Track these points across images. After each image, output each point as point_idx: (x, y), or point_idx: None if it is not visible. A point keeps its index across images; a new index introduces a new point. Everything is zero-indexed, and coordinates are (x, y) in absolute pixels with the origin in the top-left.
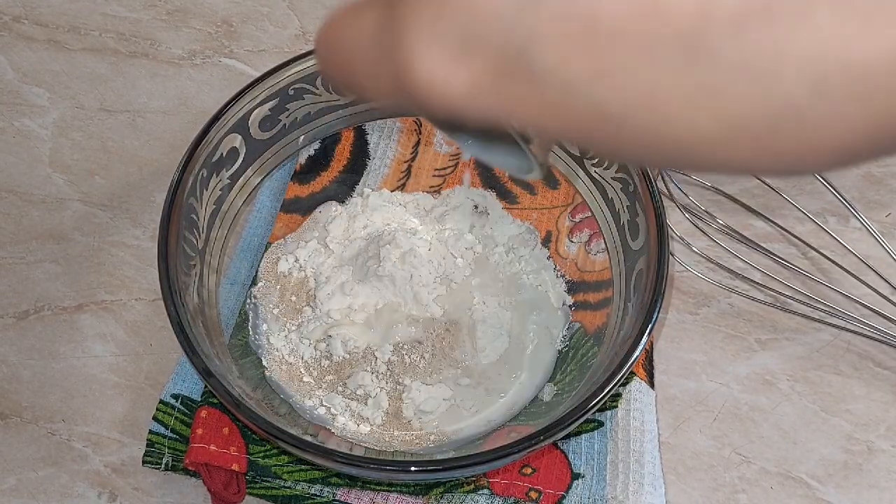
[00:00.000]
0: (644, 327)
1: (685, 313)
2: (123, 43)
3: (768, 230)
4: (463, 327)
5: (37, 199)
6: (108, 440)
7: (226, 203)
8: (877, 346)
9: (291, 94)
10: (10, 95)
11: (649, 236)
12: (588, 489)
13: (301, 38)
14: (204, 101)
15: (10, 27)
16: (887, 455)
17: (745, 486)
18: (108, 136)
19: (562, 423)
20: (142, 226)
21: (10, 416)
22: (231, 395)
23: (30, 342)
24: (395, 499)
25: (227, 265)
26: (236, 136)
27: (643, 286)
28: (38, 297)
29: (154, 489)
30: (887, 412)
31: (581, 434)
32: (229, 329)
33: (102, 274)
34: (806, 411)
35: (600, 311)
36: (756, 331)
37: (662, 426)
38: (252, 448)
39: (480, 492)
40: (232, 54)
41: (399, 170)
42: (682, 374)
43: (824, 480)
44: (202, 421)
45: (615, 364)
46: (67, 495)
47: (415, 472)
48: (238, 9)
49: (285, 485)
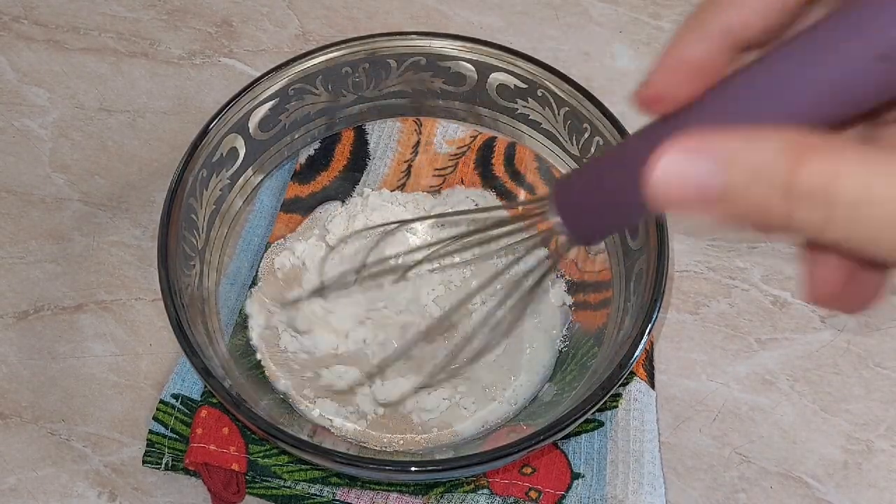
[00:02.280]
0: (644, 327)
1: (685, 313)
2: (123, 43)
3: None
4: (462, 328)
5: (37, 199)
6: (107, 440)
7: (226, 203)
8: (877, 346)
9: (291, 94)
10: (10, 95)
11: (649, 236)
12: (588, 489)
13: (301, 38)
14: (204, 101)
15: (10, 27)
16: (887, 455)
17: (745, 486)
18: (108, 136)
19: (562, 423)
20: (142, 226)
21: (10, 416)
22: (231, 395)
23: (30, 342)
24: (395, 499)
25: (227, 265)
26: (236, 136)
27: (643, 286)
28: (37, 297)
29: (154, 489)
30: (887, 412)
31: (581, 434)
32: (229, 329)
33: (102, 274)
34: (806, 411)
35: (600, 311)
36: (756, 331)
37: (662, 426)
38: (252, 448)
39: (480, 492)
40: (232, 54)
41: (399, 170)
42: (682, 374)
43: (824, 480)
44: (202, 421)
45: (615, 364)
46: (67, 495)
47: (415, 472)
48: (238, 9)
49: (285, 485)
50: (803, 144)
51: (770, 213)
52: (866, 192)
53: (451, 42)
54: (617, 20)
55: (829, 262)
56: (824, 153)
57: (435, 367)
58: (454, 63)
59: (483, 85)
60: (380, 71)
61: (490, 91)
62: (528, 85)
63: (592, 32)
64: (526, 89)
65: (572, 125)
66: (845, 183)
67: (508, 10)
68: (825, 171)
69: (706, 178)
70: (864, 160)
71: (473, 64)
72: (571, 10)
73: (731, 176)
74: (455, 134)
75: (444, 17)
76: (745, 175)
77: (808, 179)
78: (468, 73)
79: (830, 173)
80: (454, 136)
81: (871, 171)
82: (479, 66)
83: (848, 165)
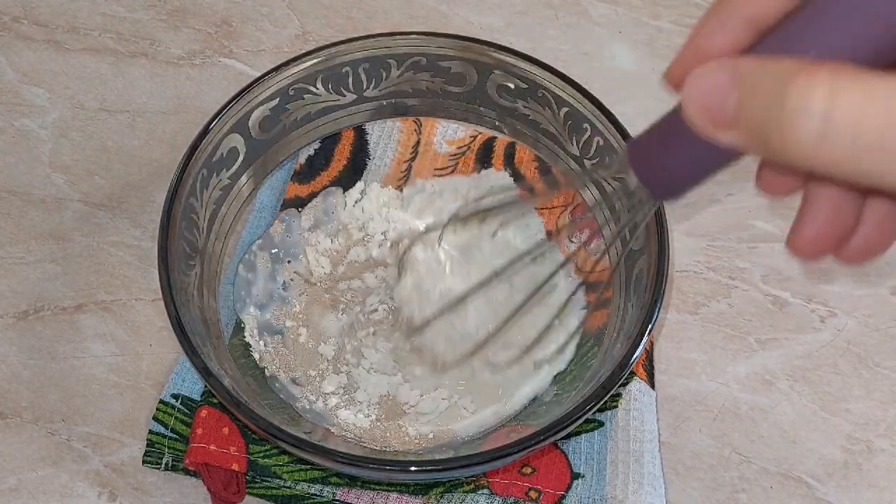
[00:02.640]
0: (644, 327)
1: (685, 313)
2: (123, 43)
3: (768, 230)
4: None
5: (37, 199)
6: (107, 440)
7: (226, 203)
8: (877, 346)
9: (291, 94)
10: (10, 95)
11: (649, 236)
12: (588, 489)
13: (301, 38)
14: (204, 101)
15: (10, 27)
16: (887, 455)
17: (745, 486)
18: (107, 136)
19: (562, 423)
20: (142, 226)
21: (10, 416)
22: (231, 395)
23: (30, 342)
24: (395, 498)
25: (227, 265)
26: (236, 136)
27: (643, 286)
28: (38, 297)
29: (154, 489)
30: (887, 412)
31: (581, 434)
32: (229, 329)
33: (102, 274)
34: (805, 411)
35: (600, 311)
36: (756, 331)
37: (662, 426)
38: (252, 448)
39: (480, 492)
40: (232, 54)
41: (399, 170)
42: (682, 374)
43: (824, 480)
44: (202, 421)
45: (615, 364)
46: (67, 495)
47: (415, 471)
48: (238, 9)
49: (285, 485)
50: (808, 67)
51: (769, 132)
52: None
53: (451, 42)
54: (617, 20)
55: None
56: (824, 74)
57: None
58: (454, 63)
59: (483, 85)
60: (380, 71)
61: (490, 91)
62: (528, 85)
63: (592, 33)
64: (526, 89)
65: (572, 125)
66: (840, 102)
67: (508, 10)
68: (822, 89)
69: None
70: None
71: (473, 64)
72: (571, 11)
73: (741, 93)
74: (455, 134)
75: (444, 17)
76: (751, 92)
77: (803, 96)
78: (468, 73)
79: (826, 91)
80: (454, 136)
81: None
82: (479, 66)
83: (845, 84)
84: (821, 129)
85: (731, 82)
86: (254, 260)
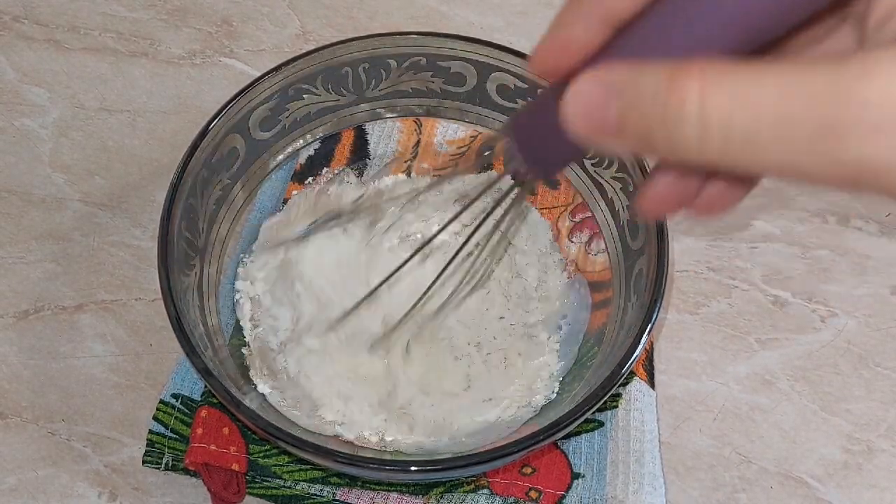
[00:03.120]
0: (644, 327)
1: (685, 313)
2: (123, 43)
3: (768, 230)
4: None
5: (37, 199)
6: (107, 440)
7: (226, 203)
8: (877, 346)
9: (291, 94)
10: (10, 95)
11: (649, 236)
12: (588, 489)
13: (301, 38)
14: (204, 101)
15: (10, 27)
16: (887, 455)
17: (745, 486)
18: (108, 136)
19: (562, 423)
20: (142, 226)
21: (10, 416)
22: (231, 395)
23: (30, 342)
24: (395, 499)
25: (227, 265)
26: (236, 136)
27: (643, 286)
28: (38, 297)
29: (154, 489)
30: (887, 412)
31: (581, 434)
32: (229, 329)
33: (102, 274)
34: (806, 411)
35: (600, 311)
36: (756, 331)
37: (662, 426)
38: (252, 448)
39: (480, 492)
40: (232, 54)
41: (399, 170)
42: (682, 374)
43: (824, 480)
44: (202, 421)
45: (615, 364)
46: (67, 495)
47: (415, 472)
48: (238, 9)
49: (285, 485)
50: (682, 69)
51: (654, 139)
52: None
53: (451, 42)
54: None
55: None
56: (693, 78)
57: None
58: (454, 63)
59: (483, 85)
60: (380, 71)
61: (490, 91)
62: (528, 85)
63: None
64: (526, 89)
65: None
66: (710, 103)
67: (508, 10)
68: (693, 94)
69: (603, 108)
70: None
71: (473, 64)
72: None
73: (620, 105)
74: (455, 134)
75: (444, 17)
76: (631, 102)
77: (676, 104)
78: (468, 73)
79: (697, 95)
80: (454, 136)
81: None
82: (479, 66)
83: (712, 83)
84: (698, 132)
85: (608, 95)
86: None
